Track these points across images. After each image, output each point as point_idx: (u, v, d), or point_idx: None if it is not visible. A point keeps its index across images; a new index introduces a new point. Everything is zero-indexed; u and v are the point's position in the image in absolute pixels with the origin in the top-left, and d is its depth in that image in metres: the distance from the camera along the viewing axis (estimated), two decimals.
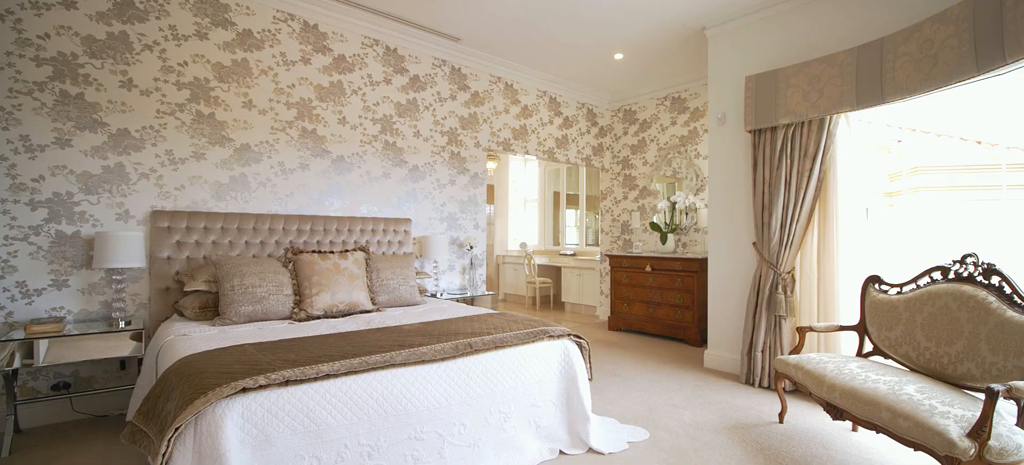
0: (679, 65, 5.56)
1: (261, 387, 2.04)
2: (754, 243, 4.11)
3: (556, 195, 9.07)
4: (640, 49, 5.15)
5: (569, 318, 7.23)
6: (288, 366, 2.13)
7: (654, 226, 6.00)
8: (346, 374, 2.22)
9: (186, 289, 3.29)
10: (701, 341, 5.31)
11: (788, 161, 3.88)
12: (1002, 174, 3.78)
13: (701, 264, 5.33)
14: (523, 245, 8.97)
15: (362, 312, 3.53)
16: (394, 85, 4.76)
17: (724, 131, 4.48)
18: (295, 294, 3.40)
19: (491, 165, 7.79)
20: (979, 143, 4.13)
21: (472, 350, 2.58)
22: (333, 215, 4.29)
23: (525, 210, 9.57)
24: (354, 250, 3.81)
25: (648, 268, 5.75)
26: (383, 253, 4.52)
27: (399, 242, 4.64)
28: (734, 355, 4.34)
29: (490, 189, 9.12)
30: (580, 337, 3.06)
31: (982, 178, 3.98)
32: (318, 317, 3.34)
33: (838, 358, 2.99)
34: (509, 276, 8.93)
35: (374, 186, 4.61)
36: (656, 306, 5.70)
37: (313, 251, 3.62)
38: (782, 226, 3.88)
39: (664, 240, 5.84)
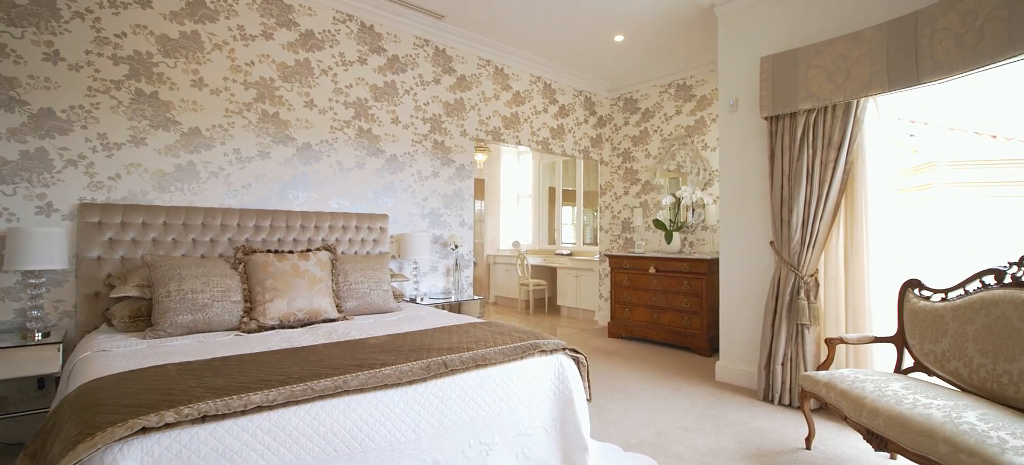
0: (685, 48, 5.12)
1: (169, 425, 1.58)
2: (771, 242, 3.67)
3: (551, 191, 8.61)
4: (643, 30, 4.70)
5: (565, 323, 6.78)
6: (210, 395, 1.66)
7: (658, 224, 5.55)
8: (285, 404, 1.75)
9: (113, 295, 2.80)
10: (711, 350, 4.87)
11: (810, 151, 3.43)
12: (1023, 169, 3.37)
13: (710, 265, 4.89)
14: (515, 244, 8.51)
15: (325, 321, 3.06)
16: (370, 66, 4.28)
17: (736, 119, 4.03)
18: (245, 301, 2.92)
19: (480, 157, 7.33)
20: (994, 137, 3.72)
21: (448, 370, 2.11)
22: (297, 210, 3.81)
23: (518, 206, 9.11)
24: (317, 250, 3.33)
25: (652, 269, 5.30)
26: (356, 253, 4.04)
27: (374, 241, 4.17)
28: (750, 368, 3.89)
29: (480, 184, 8.65)
30: (577, 351, 2.60)
31: (1004, 173, 3.56)
32: (272, 327, 2.86)
33: (877, 376, 2.55)
34: (500, 277, 8.47)
35: (346, 178, 4.14)
36: (661, 311, 5.26)
37: (269, 251, 3.14)
38: (804, 223, 3.44)
39: (669, 239, 5.39)
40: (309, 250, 3.27)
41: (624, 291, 5.60)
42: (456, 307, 4.44)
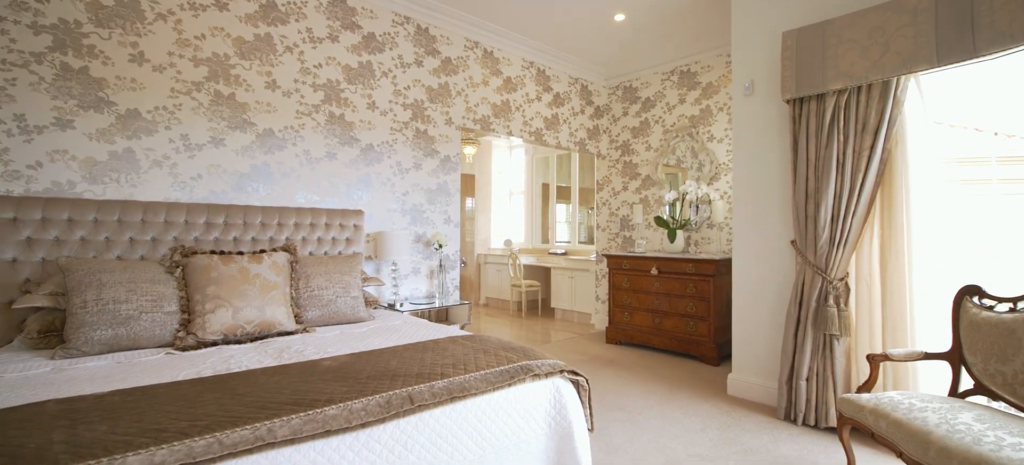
0: (692, 27, 4.69)
1: None
2: (793, 241, 3.25)
3: (545, 187, 8.17)
4: (646, 8, 4.26)
5: (559, 327, 6.35)
6: (68, 459, 1.20)
7: (660, 221, 5.13)
8: None
9: (16, 306, 2.34)
10: (719, 358, 4.45)
11: (841, 138, 3.01)
12: None
13: (718, 266, 4.46)
14: (507, 243, 8.07)
15: (279, 335, 2.60)
16: (342, 44, 3.82)
17: (752, 104, 3.60)
18: (183, 312, 2.46)
19: (469, 150, 6.88)
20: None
21: (414, 406, 1.67)
22: (257, 205, 3.35)
23: (510, 203, 8.67)
24: (274, 250, 2.87)
25: (654, 271, 4.87)
26: (326, 253, 3.59)
27: (347, 240, 3.71)
28: (767, 382, 3.47)
29: (470, 179, 8.20)
30: (576, 373, 2.16)
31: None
32: (212, 343, 2.40)
33: (937, 403, 2.13)
34: (492, 278, 8.03)
35: (315, 169, 3.68)
36: (664, 316, 4.83)
37: (212, 252, 2.67)
38: (833, 220, 3.02)
39: (672, 237, 4.97)
40: (262, 251, 2.80)
41: (623, 294, 5.18)
42: (442, 314, 3.99)
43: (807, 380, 3.09)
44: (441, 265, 4.26)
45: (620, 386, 3.82)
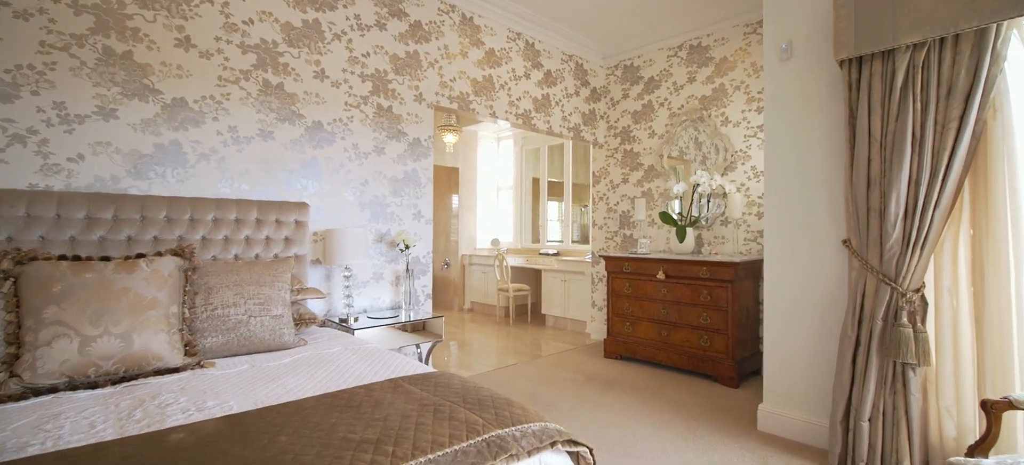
0: None
1: None
2: (846, 241, 2.55)
3: (535, 182, 7.46)
4: None
5: (551, 337, 5.63)
6: None
7: (666, 218, 4.42)
8: None
9: None
10: (739, 379, 3.75)
11: (917, 106, 2.31)
12: None
13: (738, 270, 3.76)
14: (494, 242, 7.34)
15: (157, 372, 1.85)
16: None
17: (790, 71, 2.90)
18: (9, 343, 1.71)
19: (449, 138, 6.13)
20: None
21: None
22: (163, 195, 2.60)
23: (498, 199, 7.94)
24: (158, 255, 2.11)
25: (660, 275, 4.16)
26: (257, 255, 2.84)
27: (285, 239, 2.97)
28: (813, 418, 2.77)
29: (453, 173, 7.46)
30: (577, 442, 1.44)
31: None
32: (51, 389, 1.65)
33: None
34: (477, 280, 7.30)
35: (244, 151, 2.93)
36: (672, 327, 4.13)
37: (61, 257, 1.91)
38: (907, 214, 2.32)
39: (681, 236, 4.26)
40: (140, 256, 2.05)
41: (624, 301, 4.47)
42: (422, 329, 3.24)
43: (871, 421, 2.39)
44: (409, 270, 3.52)
45: (626, 420, 3.10)
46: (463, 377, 1.75)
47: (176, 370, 1.88)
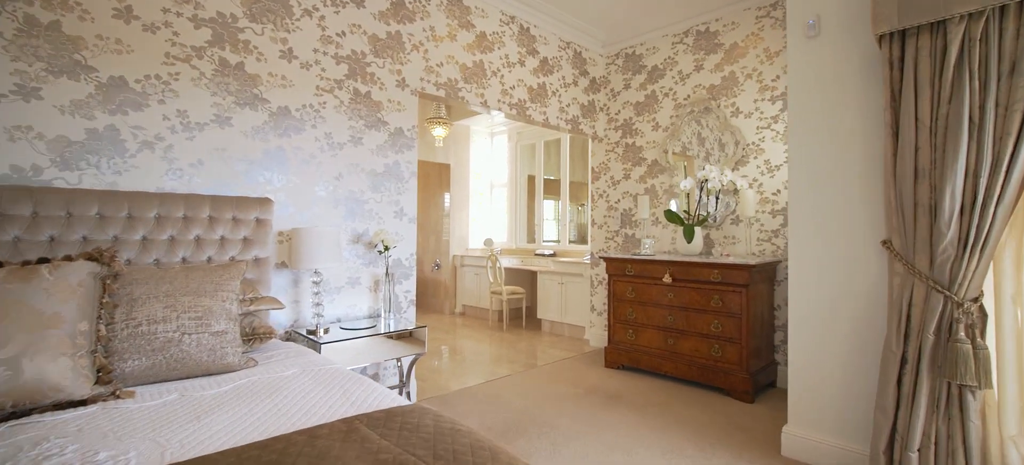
0: None
1: None
2: (887, 242, 2.22)
3: (530, 179, 7.11)
4: None
5: (547, 343, 5.28)
6: None
7: (671, 216, 4.08)
8: None
9: None
10: (754, 392, 3.42)
11: (974, 85, 1.97)
12: None
13: (752, 273, 3.43)
14: (487, 242, 6.99)
15: (56, 407, 1.48)
16: None
17: (818, 50, 2.56)
18: None
19: (439, 132, 5.76)
20: None
21: None
22: (96, 188, 2.23)
23: (491, 198, 7.59)
24: (67, 259, 1.74)
25: (667, 278, 3.82)
26: (210, 259, 2.48)
27: (243, 240, 2.60)
28: (847, 444, 2.43)
29: (445, 170, 7.10)
30: None
31: None
32: None
33: None
34: (470, 283, 6.94)
35: (197, 139, 2.56)
36: (679, 336, 3.78)
37: None
38: (963, 211, 1.99)
39: (689, 236, 3.92)
40: (42, 261, 1.68)
41: (627, 306, 4.12)
42: (400, 338, 2.88)
43: (920, 451, 2.05)
44: (388, 274, 3.16)
45: (632, 443, 2.75)
46: (439, 416, 1.40)
47: (82, 402, 1.52)
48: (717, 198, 4.12)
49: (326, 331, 2.77)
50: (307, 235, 2.70)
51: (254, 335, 2.18)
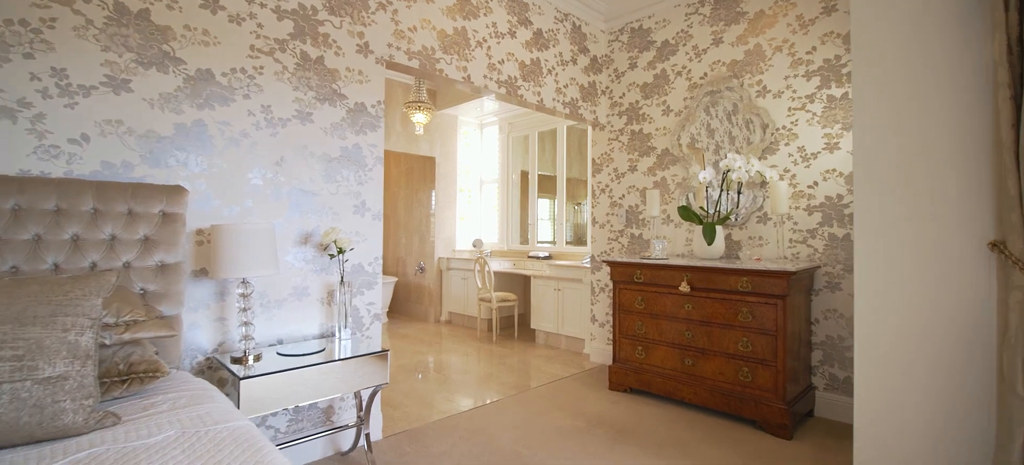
0: None
1: None
2: (998, 244, 1.64)
3: (524, 176, 6.51)
4: None
5: (542, 357, 4.67)
6: None
7: (687, 214, 3.49)
8: None
9: None
10: (793, 426, 2.82)
11: None
12: None
13: (792, 281, 2.83)
14: (476, 243, 6.38)
15: None
16: None
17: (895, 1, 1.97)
18: None
19: (420, 119, 5.11)
20: None
21: None
22: None
23: (481, 195, 6.97)
24: None
25: (684, 286, 3.22)
26: (93, 265, 1.85)
27: (144, 241, 1.98)
28: None
29: (430, 163, 6.48)
30: None
31: None
32: None
33: None
34: (456, 288, 6.32)
35: (80, 107, 1.93)
36: (699, 355, 3.19)
37: None
38: None
39: (710, 237, 3.32)
40: None
41: (635, 319, 3.52)
42: (350, 366, 2.26)
43: None
44: (344, 282, 2.54)
45: None
46: None
47: None
48: (738, 192, 3.53)
49: (257, 358, 2.15)
50: (232, 234, 2.07)
51: (131, 375, 1.55)
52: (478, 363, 4.48)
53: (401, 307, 7.09)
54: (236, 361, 2.12)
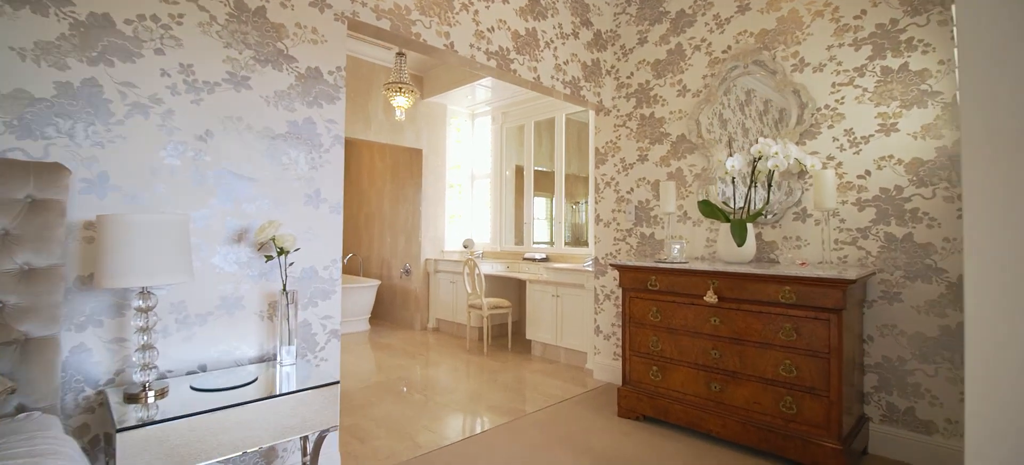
0: None
1: None
2: None
3: (519, 171, 5.97)
4: None
5: (539, 373, 4.13)
6: None
7: (709, 210, 2.97)
8: None
9: None
10: None
11: None
12: None
13: (847, 292, 2.30)
14: (467, 243, 5.84)
15: None
16: None
17: None
18: None
19: (401, 102, 4.54)
20: None
21: None
22: None
23: (473, 191, 6.44)
24: None
25: (710, 296, 2.69)
26: None
27: (3, 237, 1.44)
28: None
29: (416, 156, 5.93)
30: None
31: None
32: None
33: None
34: (444, 292, 5.77)
35: None
36: (729, 380, 2.66)
37: None
38: None
39: (741, 237, 2.79)
40: None
41: (649, 333, 2.99)
42: (290, 402, 1.72)
43: None
44: (287, 291, 2.00)
45: None
46: None
47: None
48: (769, 183, 3.00)
49: (161, 395, 1.60)
50: (122, 228, 1.53)
51: None
52: (466, 380, 3.93)
53: (385, 313, 6.53)
54: (131, 398, 1.58)
